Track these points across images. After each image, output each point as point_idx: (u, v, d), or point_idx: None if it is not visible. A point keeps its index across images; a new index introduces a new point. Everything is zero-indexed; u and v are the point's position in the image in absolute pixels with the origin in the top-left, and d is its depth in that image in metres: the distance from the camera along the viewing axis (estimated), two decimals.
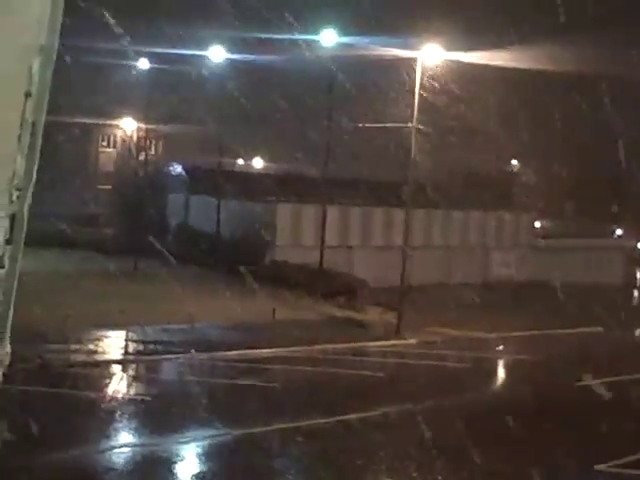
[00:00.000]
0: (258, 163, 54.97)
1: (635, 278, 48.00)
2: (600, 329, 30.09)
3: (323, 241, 35.98)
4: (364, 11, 37.64)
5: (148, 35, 37.80)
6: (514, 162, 52.54)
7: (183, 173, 46.83)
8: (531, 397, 19.76)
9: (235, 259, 35.58)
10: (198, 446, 15.70)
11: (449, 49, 29.92)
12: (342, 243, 38.70)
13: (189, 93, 44.83)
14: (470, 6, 41.89)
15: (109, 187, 49.36)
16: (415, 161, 29.28)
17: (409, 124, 29.33)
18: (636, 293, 44.68)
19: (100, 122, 48.39)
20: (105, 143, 53.68)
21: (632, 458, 14.64)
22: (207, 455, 15.36)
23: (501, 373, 26.30)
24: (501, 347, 27.83)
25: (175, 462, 15.00)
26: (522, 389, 21.67)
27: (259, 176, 46.22)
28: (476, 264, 42.74)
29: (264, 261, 35.38)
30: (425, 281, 34.71)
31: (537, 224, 49.24)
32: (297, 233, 38.62)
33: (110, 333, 24.58)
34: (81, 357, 21.66)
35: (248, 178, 43.30)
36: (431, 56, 29.21)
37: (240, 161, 53.70)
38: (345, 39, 35.17)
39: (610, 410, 17.40)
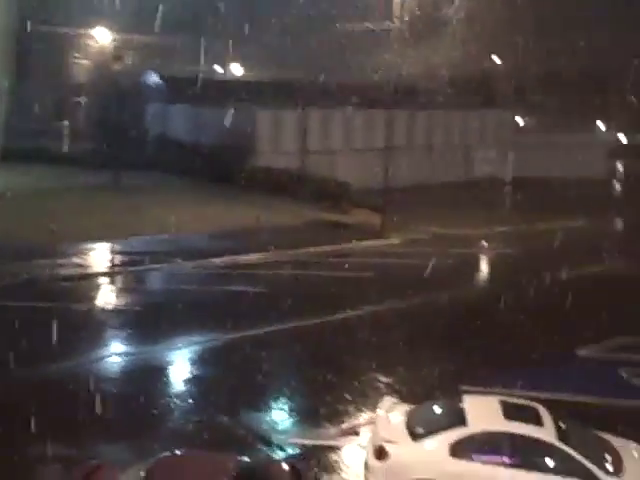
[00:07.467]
0: (237, 71, 54.01)
1: (617, 171, 48.04)
2: (581, 222, 30.48)
3: (305, 146, 35.77)
4: None
5: None
6: (495, 59, 51.87)
7: (160, 82, 45.91)
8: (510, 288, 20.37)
9: (217, 168, 35.43)
10: (190, 351, 16.04)
11: None
12: (324, 148, 38.45)
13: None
14: None
15: (85, 99, 48.38)
16: (395, 62, 28.90)
17: (388, 24, 28.85)
18: (617, 186, 44.81)
19: (73, 32, 46.97)
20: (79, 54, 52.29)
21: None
22: (199, 359, 15.72)
23: (484, 267, 26.62)
24: (484, 243, 28.08)
25: (167, 368, 15.36)
26: (504, 281, 22.19)
27: (238, 83, 45.49)
28: (458, 163, 42.71)
29: (246, 169, 35.19)
30: (408, 182, 34.69)
31: (519, 121, 48.92)
32: (278, 139, 38.28)
33: (96, 246, 24.62)
34: (68, 271, 21.77)
35: (227, 86, 42.65)
36: None
37: (219, 69, 52.67)
38: None
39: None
